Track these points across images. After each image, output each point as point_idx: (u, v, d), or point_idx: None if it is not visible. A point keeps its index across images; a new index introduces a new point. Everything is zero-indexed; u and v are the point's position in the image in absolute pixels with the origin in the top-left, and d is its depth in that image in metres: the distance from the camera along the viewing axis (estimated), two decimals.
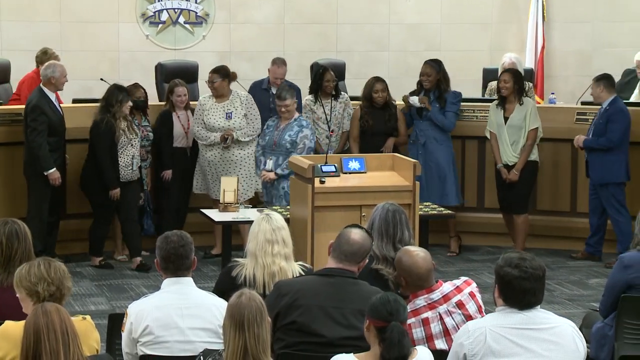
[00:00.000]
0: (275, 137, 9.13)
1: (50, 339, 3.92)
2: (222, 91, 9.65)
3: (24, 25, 12.11)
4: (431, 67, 10.03)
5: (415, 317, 4.94)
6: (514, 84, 9.74)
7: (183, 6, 12.65)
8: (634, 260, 5.94)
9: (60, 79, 9.24)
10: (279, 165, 9.02)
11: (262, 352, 4.02)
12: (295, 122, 9.14)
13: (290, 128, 9.10)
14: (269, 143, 9.17)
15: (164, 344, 4.81)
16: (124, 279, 9.19)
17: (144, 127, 9.73)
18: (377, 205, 5.68)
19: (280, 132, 9.12)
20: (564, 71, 13.40)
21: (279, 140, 9.09)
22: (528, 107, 9.77)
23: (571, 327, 4.48)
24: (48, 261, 4.56)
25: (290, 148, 9.01)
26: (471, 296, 5.01)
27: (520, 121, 9.73)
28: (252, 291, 4.14)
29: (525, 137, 9.71)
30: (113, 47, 12.45)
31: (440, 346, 4.89)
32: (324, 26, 13.03)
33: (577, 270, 9.71)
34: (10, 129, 9.51)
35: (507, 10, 13.41)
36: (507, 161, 9.79)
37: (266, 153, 9.20)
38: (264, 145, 9.25)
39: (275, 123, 9.22)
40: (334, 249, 5.04)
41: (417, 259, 5.02)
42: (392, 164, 7.89)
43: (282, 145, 9.07)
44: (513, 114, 9.76)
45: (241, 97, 9.74)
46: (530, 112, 9.73)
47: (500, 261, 4.44)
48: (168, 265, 4.92)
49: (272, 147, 9.13)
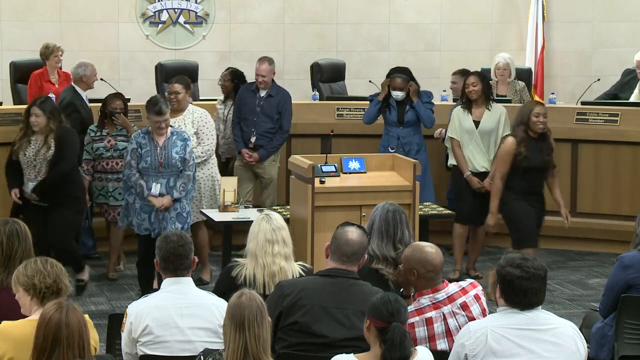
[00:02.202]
0: (159, 157, 8.06)
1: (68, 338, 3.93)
2: (183, 104, 8.89)
3: (24, 26, 12.11)
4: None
5: (419, 316, 4.94)
6: (482, 87, 9.18)
7: (183, 6, 12.65)
8: (634, 260, 5.94)
9: (92, 77, 9.44)
10: (171, 187, 8.09)
11: (262, 352, 4.02)
12: (175, 137, 8.14)
13: (174, 144, 8.11)
14: (153, 165, 8.06)
15: (164, 343, 4.81)
16: (124, 279, 9.19)
17: (113, 137, 9.07)
18: (377, 205, 5.68)
19: (164, 151, 8.07)
20: (564, 71, 13.41)
21: (167, 160, 8.08)
22: (500, 112, 9.20)
23: (572, 328, 4.48)
24: (45, 258, 4.58)
25: (182, 166, 8.12)
26: (476, 299, 5.00)
27: (492, 126, 9.16)
28: (252, 291, 4.15)
29: (498, 144, 9.02)
30: (113, 47, 12.45)
31: (442, 346, 4.89)
32: (323, 26, 13.03)
33: (577, 270, 9.71)
34: (10, 129, 9.49)
35: (507, 11, 13.41)
36: (477, 168, 9.20)
37: (149, 176, 8.08)
38: (144, 168, 8.06)
39: (147, 141, 8.09)
40: (333, 251, 5.02)
41: (430, 249, 5.03)
42: (392, 164, 7.89)
43: (172, 165, 8.09)
44: (484, 118, 9.18)
45: (195, 113, 8.94)
46: (505, 119, 9.16)
47: (502, 261, 4.44)
48: (168, 265, 4.93)
49: (158, 169, 8.07)
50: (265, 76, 9.59)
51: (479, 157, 9.20)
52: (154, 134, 8.11)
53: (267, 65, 9.62)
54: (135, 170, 8.10)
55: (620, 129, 10.10)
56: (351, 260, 4.98)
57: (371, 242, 5.53)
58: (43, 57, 10.46)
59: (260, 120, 9.58)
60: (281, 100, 9.69)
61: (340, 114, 10.59)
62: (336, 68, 11.98)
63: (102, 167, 9.07)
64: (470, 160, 9.21)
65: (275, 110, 9.64)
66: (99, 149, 9.05)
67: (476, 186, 9.16)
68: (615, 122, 10.13)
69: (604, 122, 10.18)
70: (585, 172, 10.22)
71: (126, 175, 8.16)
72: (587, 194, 10.18)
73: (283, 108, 9.68)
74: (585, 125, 10.03)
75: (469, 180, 9.19)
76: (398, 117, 9.59)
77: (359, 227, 5.08)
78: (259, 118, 9.57)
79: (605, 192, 10.22)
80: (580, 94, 11.00)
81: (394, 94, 9.59)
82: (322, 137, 10.19)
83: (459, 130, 9.22)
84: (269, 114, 9.61)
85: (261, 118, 9.58)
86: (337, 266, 4.99)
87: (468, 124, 9.20)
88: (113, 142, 9.08)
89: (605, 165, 10.18)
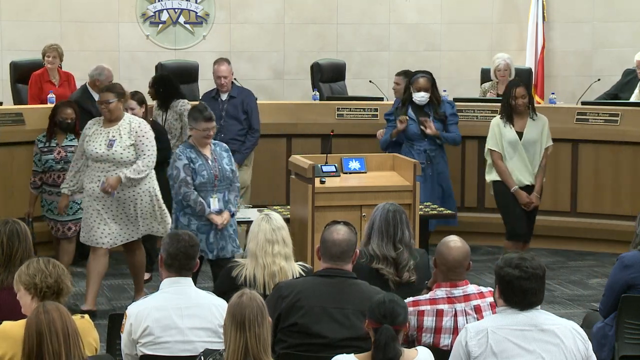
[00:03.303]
0: (213, 170, 7.40)
1: (52, 338, 3.93)
2: (116, 113, 7.94)
3: (24, 25, 12.11)
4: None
5: (431, 306, 4.96)
6: (530, 98, 8.65)
7: (183, 6, 12.65)
8: (634, 260, 5.94)
9: (105, 82, 9.24)
10: (226, 202, 7.44)
11: (262, 352, 4.02)
12: (218, 148, 7.53)
13: (220, 155, 7.49)
14: (210, 179, 7.37)
15: (164, 344, 4.81)
16: (124, 279, 9.18)
17: (62, 148, 8.68)
18: (377, 205, 5.68)
19: (215, 163, 7.42)
20: (564, 71, 13.41)
21: (221, 173, 7.43)
22: (544, 122, 8.67)
23: (572, 328, 4.48)
24: (47, 259, 4.58)
25: (233, 178, 7.53)
26: (491, 306, 4.99)
27: (536, 136, 8.62)
28: (252, 291, 4.15)
29: (541, 156, 8.67)
30: (113, 47, 12.45)
31: (446, 342, 4.90)
32: (323, 26, 13.03)
33: (577, 270, 9.71)
34: (10, 129, 9.50)
35: (507, 11, 13.41)
36: (523, 182, 8.61)
37: (206, 192, 7.38)
38: (201, 184, 7.35)
39: (196, 155, 7.37)
40: (323, 254, 5.02)
41: (453, 245, 5.03)
42: (393, 164, 7.90)
43: (226, 177, 7.45)
44: (527, 129, 8.59)
45: (132, 123, 7.95)
46: (548, 129, 8.67)
47: (500, 262, 4.44)
48: (174, 262, 4.91)
49: (214, 184, 7.40)
50: (226, 77, 9.42)
51: (524, 170, 8.61)
52: (198, 146, 7.40)
53: (227, 65, 9.46)
54: (192, 187, 7.31)
55: (621, 129, 10.10)
56: (342, 259, 4.98)
57: (371, 242, 5.55)
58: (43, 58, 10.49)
59: (228, 124, 9.39)
60: (245, 100, 9.53)
61: (341, 114, 10.59)
62: (336, 68, 11.98)
63: (53, 180, 8.65)
64: (514, 174, 8.60)
65: (240, 110, 9.48)
66: (48, 161, 8.67)
67: (525, 201, 8.59)
68: (616, 122, 10.13)
69: (604, 122, 10.17)
70: (585, 172, 10.22)
71: (182, 194, 7.29)
72: (587, 194, 10.18)
73: (249, 107, 9.51)
74: (586, 125, 10.04)
75: (516, 194, 8.59)
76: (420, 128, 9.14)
77: (345, 225, 5.06)
78: (226, 122, 9.38)
79: (605, 192, 10.21)
80: (580, 94, 11.00)
81: (417, 97, 9.10)
82: (323, 137, 10.19)
83: (500, 141, 8.59)
84: (234, 116, 9.45)
85: (228, 122, 9.40)
86: (331, 266, 4.99)
87: (511, 136, 8.57)
88: (63, 154, 8.67)
89: (606, 165, 10.18)
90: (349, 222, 5.14)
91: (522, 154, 8.57)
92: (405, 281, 5.51)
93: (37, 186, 8.75)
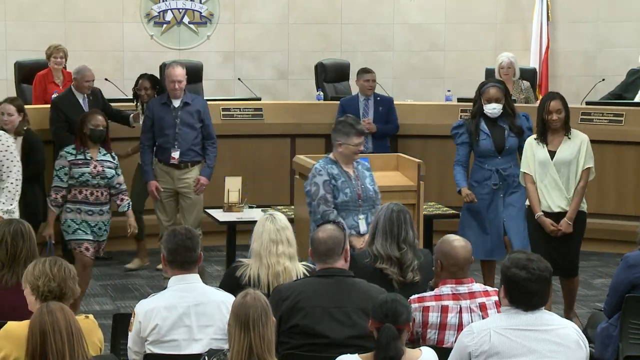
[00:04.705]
0: (357, 188, 6.85)
1: (56, 338, 3.93)
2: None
3: (29, 26, 12.13)
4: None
5: (436, 302, 4.98)
6: (566, 114, 7.58)
7: (187, 6, 12.66)
8: (638, 259, 5.94)
9: (81, 81, 9.20)
10: (369, 224, 6.54)
11: (267, 352, 4.03)
12: (360, 167, 6.97)
13: (362, 174, 6.94)
14: (353, 198, 6.81)
15: (173, 342, 4.82)
16: (128, 278, 9.19)
17: (99, 162, 7.97)
18: (381, 205, 5.69)
19: (358, 181, 6.87)
20: (569, 71, 13.41)
21: (365, 193, 6.86)
22: (581, 140, 7.63)
23: (575, 329, 4.48)
24: (55, 260, 4.57)
25: (376, 199, 6.92)
26: (496, 305, 5.00)
27: (571, 156, 7.57)
28: (257, 291, 4.15)
29: (578, 178, 7.60)
30: (117, 47, 12.46)
31: (450, 339, 4.91)
32: (327, 26, 13.03)
33: (582, 270, 9.64)
34: None
35: (512, 10, 13.41)
36: (552, 208, 7.55)
37: (348, 211, 6.81)
38: (344, 202, 6.78)
39: (338, 171, 6.82)
40: (313, 254, 5.09)
41: (457, 244, 5.05)
42: (397, 164, 7.89)
43: (370, 197, 6.87)
44: (562, 147, 7.57)
45: None
46: (587, 148, 7.63)
47: (507, 262, 4.43)
48: (175, 257, 4.92)
49: (358, 203, 6.83)
50: (182, 81, 8.86)
51: (555, 194, 7.55)
52: (342, 163, 6.87)
53: (182, 69, 8.92)
54: (332, 205, 6.75)
55: (625, 129, 10.09)
56: (330, 257, 5.01)
57: (375, 241, 5.56)
58: (47, 58, 10.49)
59: (183, 132, 8.87)
60: (200, 108, 8.99)
61: None
62: (340, 68, 11.98)
63: (85, 196, 7.91)
64: (544, 198, 7.58)
65: (196, 118, 8.93)
66: (84, 174, 7.89)
67: (550, 229, 7.50)
68: (620, 122, 10.12)
69: (609, 122, 10.17)
70: None
71: (321, 213, 6.70)
72: (591, 194, 10.11)
73: (205, 115, 8.98)
74: (590, 125, 10.02)
75: (540, 222, 7.54)
76: (496, 144, 7.95)
77: (333, 223, 5.10)
78: (181, 130, 8.87)
79: (609, 192, 10.21)
80: (584, 94, 10.99)
81: (489, 109, 7.88)
82: (327, 137, 10.14)
83: (532, 162, 7.62)
84: (190, 124, 8.91)
85: (183, 130, 8.88)
86: (324, 265, 5.03)
87: (542, 155, 7.54)
88: (100, 169, 7.93)
89: (610, 165, 10.17)
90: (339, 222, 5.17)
91: (554, 176, 7.54)
92: (409, 281, 5.52)
93: (59, 204, 7.93)
